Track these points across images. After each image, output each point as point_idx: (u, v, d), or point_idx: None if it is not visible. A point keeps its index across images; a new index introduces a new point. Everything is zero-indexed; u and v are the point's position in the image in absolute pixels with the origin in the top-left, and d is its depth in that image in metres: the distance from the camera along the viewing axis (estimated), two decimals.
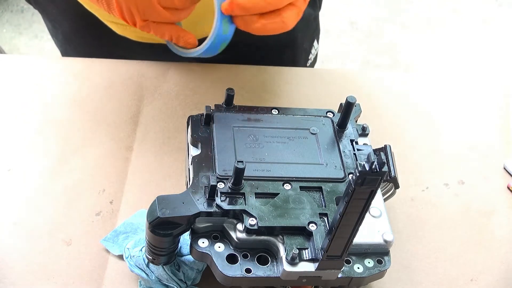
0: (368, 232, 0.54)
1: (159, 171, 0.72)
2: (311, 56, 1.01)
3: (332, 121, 0.64)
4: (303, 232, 0.53)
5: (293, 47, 0.94)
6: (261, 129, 0.61)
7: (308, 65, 1.01)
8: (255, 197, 0.54)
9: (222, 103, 0.64)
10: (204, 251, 0.53)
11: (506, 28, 2.35)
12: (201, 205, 0.52)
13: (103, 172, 0.72)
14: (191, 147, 0.60)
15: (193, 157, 0.58)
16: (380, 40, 2.28)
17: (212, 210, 0.53)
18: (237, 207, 0.53)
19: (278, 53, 0.93)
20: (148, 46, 0.82)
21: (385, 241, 0.55)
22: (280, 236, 0.53)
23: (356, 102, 0.63)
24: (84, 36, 0.90)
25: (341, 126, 0.63)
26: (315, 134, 0.62)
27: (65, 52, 0.97)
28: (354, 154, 0.61)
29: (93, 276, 0.62)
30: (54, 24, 0.91)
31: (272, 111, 0.64)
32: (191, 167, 0.58)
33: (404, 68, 2.19)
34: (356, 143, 0.62)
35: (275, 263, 0.53)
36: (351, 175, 0.46)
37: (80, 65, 0.84)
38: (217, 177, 0.55)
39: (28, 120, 0.77)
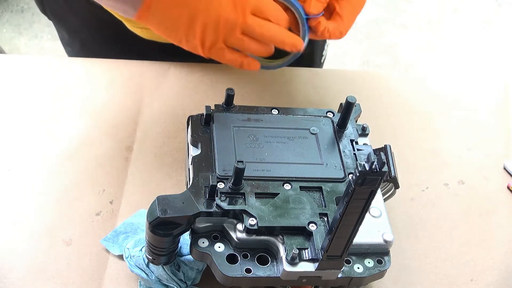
0: (368, 232, 0.54)
1: (159, 171, 0.72)
2: (325, 53, 1.02)
3: (332, 121, 0.64)
4: (303, 232, 0.53)
5: (311, 41, 0.95)
6: (261, 129, 0.61)
7: (322, 61, 1.02)
8: (255, 197, 0.54)
9: (222, 103, 0.64)
10: (204, 251, 0.53)
11: (506, 28, 2.35)
12: (201, 205, 0.52)
13: (103, 172, 0.72)
14: (191, 147, 0.60)
15: (193, 157, 0.58)
16: (380, 40, 2.27)
17: (212, 210, 0.53)
18: (237, 207, 0.53)
19: None
20: (170, 49, 0.81)
21: (385, 241, 0.55)
22: (280, 236, 0.53)
23: (356, 102, 0.63)
24: (104, 43, 0.90)
25: (341, 126, 0.63)
26: (315, 134, 0.62)
27: None
28: (354, 154, 0.61)
29: (93, 276, 0.62)
30: (72, 34, 0.91)
31: (272, 111, 0.64)
32: (191, 167, 0.58)
33: (404, 68, 2.19)
34: (356, 143, 0.62)
35: (275, 263, 0.53)
36: (351, 175, 0.47)
37: (80, 65, 0.84)
38: (217, 177, 0.55)
39: (28, 120, 0.77)
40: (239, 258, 0.53)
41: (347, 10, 0.66)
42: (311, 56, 0.96)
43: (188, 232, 0.54)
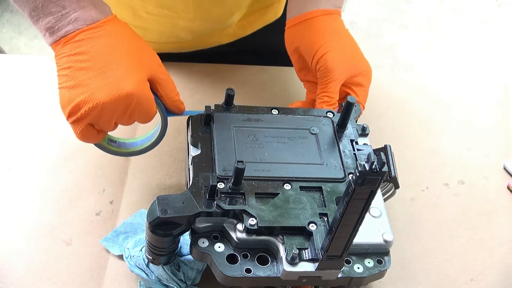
0: (368, 232, 0.54)
1: (159, 171, 0.72)
2: None
3: (332, 121, 0.64)
4: (303, 232, 0.53)
5: None
6: (261, 129, 0.61)
7: None
8: (255, 197, 0.54)
9: (222, 103, 0.64)
10: (204, 251, 0.53)
11: (506, 28, 2.34)
12: (201, 205, 0.52)
13: (103, 172, 0.72)
14: (191, 147, 0.60)
15: (193, 157, 0.58)
16: (380, 40, 2.27)
17: (212, 210, 0.52)
18: (237, 207, 0.53)
19: None
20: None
21: (385, 241, 0.55)
22: (280, 236, 0.53)
23: (356, 102, 0.63)
24: None
25: (341, 126, 0.63)
26: (315, 134, 0.62)
27: None
28: (354, 154, 0.61)
29: (93, 276, 0.62)
30: None
31: (272, 111, 0.64)
32: (191, 167, 0.58)
33: (404, 68, 2.19)
34: (356, 143, 0.62)
35: (275, 263, 0.53)
36: (351, 175, 0.46)
37: None
38: (217, 177, 0.55)
39: (28, 120, 0.77)
40: (239, 258, 0.53)
41: (361, 92, 0.69)
42: None
43: (188, 232, 0.54)
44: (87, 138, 0.59)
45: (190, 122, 0.62)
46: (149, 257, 0.56)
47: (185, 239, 0.59)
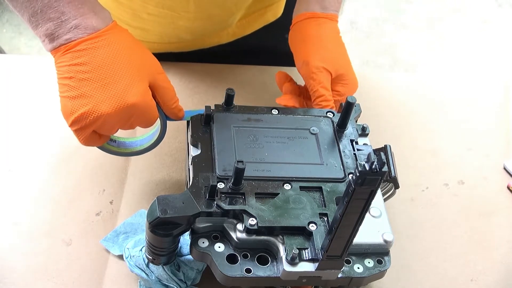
0: (368, 232, 0.54)
1: (159, 171, 0.72)
2: None
3: (332, 121, 0.64)
4: (303, 232, 0.53)
5: None
6: (261, 129, 0.61)
7: None
8: (255, 197, 0.54)
9: (222, 103, 0.64)
10: (204, 251, 0.53)
11: (506, 28, 2.34)
12: (201, 205, 0.52)
13: (103, 172, 0.72)
14: (191, 147, 0.60)
15: (193, 157, 0.58)
16: (380, 40, 2.27)
17: (212, 210, 0.52)
18: (237, 207, 0.53)
19: None
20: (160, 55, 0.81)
21: (385, 241, 0.55)
22: (280, 236, 0.53)
23: (356, 102, 0.63)
24: None
25: (341, 126, 0.63)
26: (315, 134, 0.62)
27: None
28: (354, 154, 0.61)
29: (93, 276, 0.62)
30: None
31: (272, 111, 0.64)
32: (191, 167, 0.58)
33: (404, 68, 2.19)
34: (356, 143, 0.62)
35: (275, 263, 0.53)
36: (351, 175, 0.46)
37: None
38: (217, 177, 0.55)
39: (28, 120, 0.77)
40: (239, 258, 0.53)
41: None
42: None
43: (188, 232, 0.54)
44: (90, 143, 0.59)
45: (190, 122, 0.62)
46: (149, 257, 0.56)
47: (185, 239, 0.59)
